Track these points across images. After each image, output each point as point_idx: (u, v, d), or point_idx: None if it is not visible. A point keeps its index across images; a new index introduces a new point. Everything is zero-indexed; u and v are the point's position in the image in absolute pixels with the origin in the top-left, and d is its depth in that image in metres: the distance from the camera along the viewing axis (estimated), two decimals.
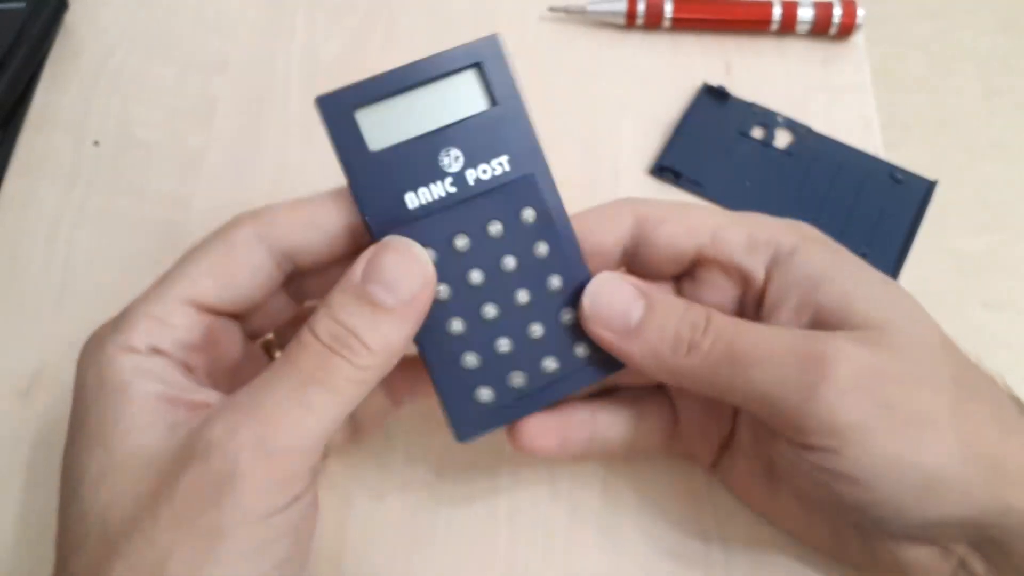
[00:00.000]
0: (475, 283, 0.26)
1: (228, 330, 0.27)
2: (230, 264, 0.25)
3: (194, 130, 0.40)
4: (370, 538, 0.30)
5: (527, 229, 0.26)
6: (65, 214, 0.38)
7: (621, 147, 0.40)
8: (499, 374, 0.27)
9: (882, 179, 0.39)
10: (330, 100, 0.25)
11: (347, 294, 0.24)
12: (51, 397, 0.33)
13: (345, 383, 0.23)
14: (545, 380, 0.27)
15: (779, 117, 0.40)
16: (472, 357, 0.26)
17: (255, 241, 0.26)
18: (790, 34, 0.43)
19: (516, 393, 0.27)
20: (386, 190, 0.25)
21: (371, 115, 0.25)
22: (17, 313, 0.35)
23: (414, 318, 0.24)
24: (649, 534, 0.31)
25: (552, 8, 0.43)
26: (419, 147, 0.25)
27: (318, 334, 0.23)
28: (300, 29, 0.43)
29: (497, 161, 0.26)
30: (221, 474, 0.22)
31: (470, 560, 0.30)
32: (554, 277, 0.27)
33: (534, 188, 0.26)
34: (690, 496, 0.31)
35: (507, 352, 0.27)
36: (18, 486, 0.32)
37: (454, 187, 0.26)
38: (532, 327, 0.27)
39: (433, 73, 0.25)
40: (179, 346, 0.25)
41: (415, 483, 0.32)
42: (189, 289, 0.25)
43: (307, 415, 0.23)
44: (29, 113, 0.40)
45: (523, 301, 0.27)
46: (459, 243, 0.26)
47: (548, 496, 0.31)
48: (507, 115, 0.26)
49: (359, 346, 0.23)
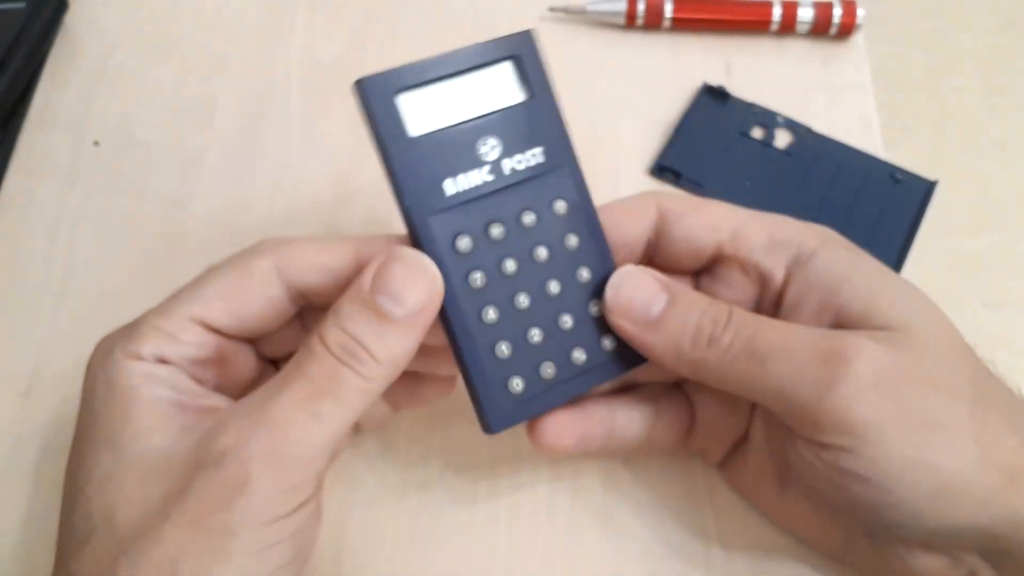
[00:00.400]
0: (509, 272, 0.26)
1: (240, 350, 0.27)
2: (244, 292, 0.26)
3: (194, 130, 0.40)
4: (370, 538, 0.31)
5: (559, 221, 0.27)
6: (65, 214, 0.38)
7: (621, 147, 0.40)
8: (531, 364, 0.27)
9: (882, 179, 0.39)
10: (371, 83, 0.25)
11: (355, 304, 0.24)
12: (51, 397, 0.33)
13: (352, 393, 0.24)
14: (573, 372, 0.27)
15: (779, 117, 0.40)
16: (506, 346, 0.26)
17: (272, 273, 0.26)
18: (790, 34, 0.43)
19: (545, 384, 0.27)
20: (425, 176, 0.25)
21: (412, 100, 0.25)
22: (17, 313, 0.35)
23: (420, 329, 0.24)
24: (649, 534, 0.31)
25: (552, 8, 0.43)
26: (458, 134, 0.26)
27: (327, 343, 0.24)
28: (300, 29, 0.43)
29: (532, 152, 0.26)
30: (234, 481, 0.22)
31: (470, 560, 0.30)
32: (583, 269, 0.27)
33: (566, 180, 0.27)
34: (690, 496, 0.31)
35: (539, 342, 0.27)
36: (18, 486, 0.32)
37: (491, 175, 0.26)
38: (563, 318, 0.27)
39: (473, 63, 0.26)
40: (186, 360, 0.25)
41: (415, 483, 0.32)
42: (199, 310, 0.25)
43: (316, 425, 0.23)
44: (29, 113, 0.40)
45: (554, 292, 0.27)
46: (494, 232, 0.26)
47: (548, 496, 0.31)
48: (542, 108, 0.27)
49: (366, 357, 0.24)
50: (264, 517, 0.22)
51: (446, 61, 0.25)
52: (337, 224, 0.38)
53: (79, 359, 0.34)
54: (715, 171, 0.39)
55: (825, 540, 0.29)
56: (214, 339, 0.26)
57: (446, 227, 0.26)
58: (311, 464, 0.23)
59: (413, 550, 0.30)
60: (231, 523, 0.22)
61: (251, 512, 0.22)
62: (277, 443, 0.23)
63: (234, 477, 0.22)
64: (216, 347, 0.26)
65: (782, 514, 0.30)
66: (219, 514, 0.22)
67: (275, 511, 0.23)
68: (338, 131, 0.40)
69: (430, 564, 0.30)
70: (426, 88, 0.25)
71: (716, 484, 0.31)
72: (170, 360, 0.25)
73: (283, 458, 0.23)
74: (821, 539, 0.29)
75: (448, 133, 0.25)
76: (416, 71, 0.25)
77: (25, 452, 0.32)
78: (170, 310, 0.26)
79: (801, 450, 0.26)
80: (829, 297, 0.26)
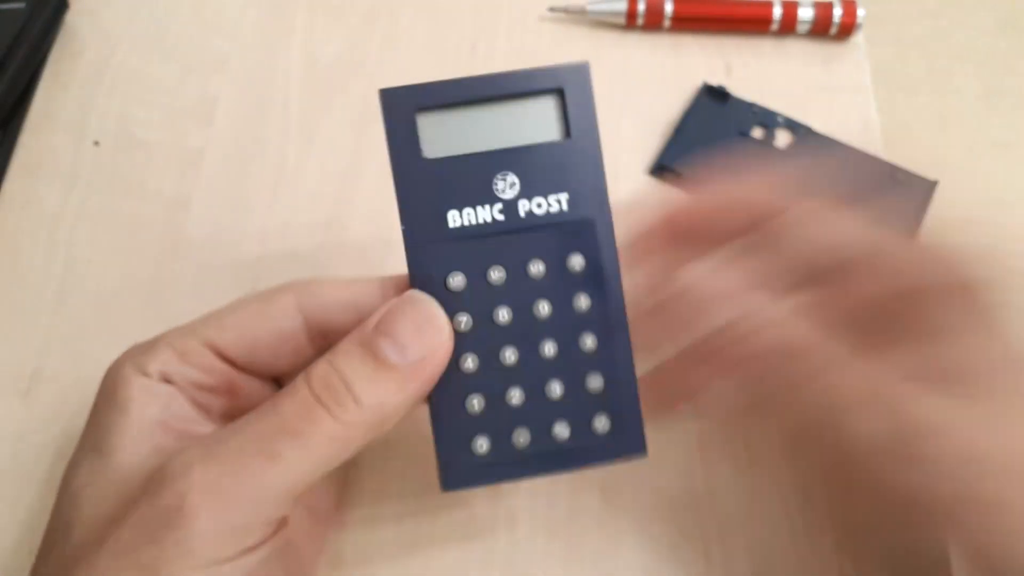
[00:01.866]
0: (500, 322, 0.24)
1: (253, 384, 0.26)
2: (259, 322, 0.25)
3: (194, 130, 0.40)
4: (369, 539, 0.31)
5: (571, 277, 0.24)
6: (65, 214, 0.38)
7: (621, 147, 0.40)
8: (502, 427, 0.24)
9: (883, 179, 0.39)
10: (394, 96, 0.23)
11: (353, 342, 0.23)
12: (50, 397, 0.34)
13: (322, 438, 0.22)
14: (551, 447, 0.25)
15: (779, 117, 0.40)
16: (478, 401, 0.24)
17: (292, 308, 0.25)
18: (790, 34, 0.43)
19: (515, 453, 0.24)
20: (430, 201, 0.24)
21: (433, 120, 0.24)
22: (17, 313, 0.35)
23: (418, 383, 0.23)
24: (648, 535, 0.31)
25: (552, 8, 0.43)
26: (475, 164, 0.24)
27: (310, 379, 0.22)
28: (300, 29, 0.43)
29: (555, 197, 0.24)
30: (168, 510, 0.20)
31: (470, 560, 0.30)
32: (588, 336, 0.25)
33: (590, 235, 0.24)
34: (689, 496, 0.31)
35: (517, 405, 0.24)
36: (17, 486, 0.32)
37: (502, 215, 0.24)
38: (552, 385, 0.25)
39: (510, 90, 0.24)
40: (191, 384, 0.25)
41: (415, 482, 0.32)
42: (214, 335, 0.25)
43: (270, 466, 0.21)
44: (29, 113, 0.40)
45: (549, 354, 0.24)
46: (493, 275, 0.24)
47: (548, 496, 0.31)
48: (578, 151, 0.24)
49: (348, 399, 0.22)
50: (196, 559, 0.20)
51: (482, 84, 0.24)
52: (336, 224, 0.38)
53: (78, 359, 0.34)
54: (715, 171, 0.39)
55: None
56: (224, 367, 0.25)
57: (441, 260, 0.24)
58: (258, 507, 0.21)
59: (413, 550, 0.30)
60: (159, 560, 0.20)
61: (181, 550, 0.20)
62: (221, 476, 0.21)
63: (169, 505, 0.20)
64: (225, 376, 0.25)
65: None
66: (148, 547, 0.20)
67: (210, 552, 0.21)
68: (338, 131, 0.40)
69: (430, 564, 0.30)
70: (452, 110, 0.24)
71: (715, 484, 0.31)
72: (174, 380, 0.24)
73: (225, 494, 0.21)
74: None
75: (466, 161, 0.24)
76: (445, 90, 0.23)
77: (24, 452, 0.32)
78: (188, 330, 0.25)
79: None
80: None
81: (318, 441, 0.22)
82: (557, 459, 0.25)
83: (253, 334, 0.25)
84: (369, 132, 0.40)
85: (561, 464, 0.25)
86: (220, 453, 0.21)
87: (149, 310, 0.35)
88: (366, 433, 0.22)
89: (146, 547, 0.20)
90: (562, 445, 0.25)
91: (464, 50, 0.43)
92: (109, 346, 0.34)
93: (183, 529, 0.20)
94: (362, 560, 0.30)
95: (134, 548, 0.20)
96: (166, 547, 0.20)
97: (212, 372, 0.25)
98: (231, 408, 0.26)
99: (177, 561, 0.20)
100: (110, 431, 0.23)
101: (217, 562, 0.21)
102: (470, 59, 0.42)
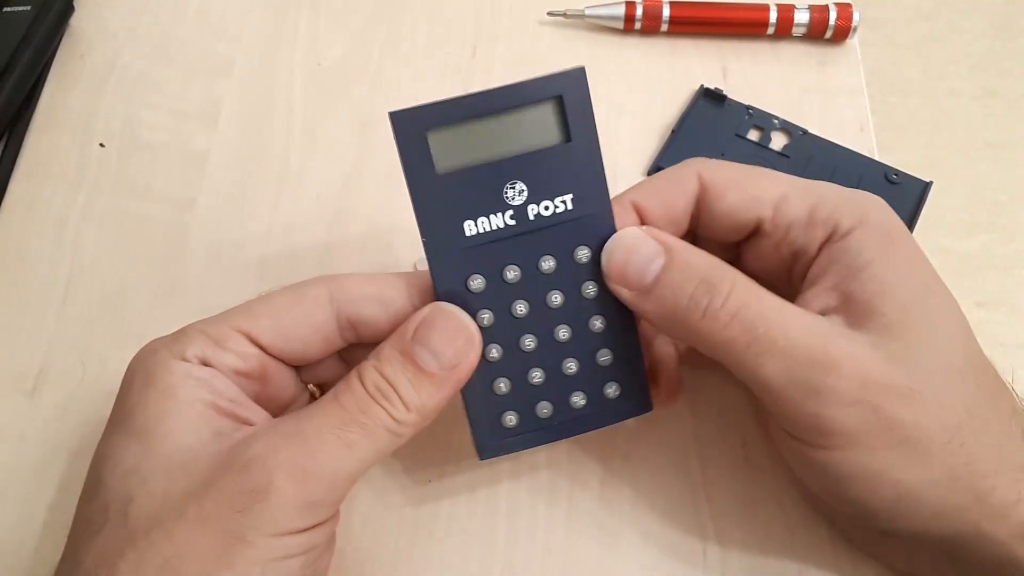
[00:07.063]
0: (518, 315, 0.27)
1: (282, 371, 0.27)
2: (294, 313, 0.26)
3: (199, 132, 0.40)
4: (371, 537, 0.31)
5: (579, 268, 0.27)
6: (71, 215, 0.38)
7: (619, 149, 0.40)
8: (527, 403, 0.28)
9: (877, 180, 0.39)
10: (404, 117, 0.24)
11: (395, 350, 0.25)
12: (56, 396, 0.34)
13: (381, 431, 0.24)
14: (571, 415, 0.28)
15: (775, 119, 0.41)
16: (504, 383, 0.27)
17: (326, 301, 0.26)
18: (786, 37, 0.44)
19: (540, 423, 0.28)
20: (446, 214, 0.25)
21: (443, 137, 0.25)
22: (23, 313, 0.36)
23: (452, 384, 0.25)
24: (647, 533, 0.31)
25: (551, 12, 0.44)
26: (485, 175, 0.25)
27: (364, 381, 0.25)
28: (303, 32, 0.44)
29: (560, 199, 0.26)
30: (256, 486, 0.23)
31: (470, 558, 0.31)
32: (597, 318, 0.27)
33: (593, 229, 0.26)
34: (687, 495, 0.32)
35: (539, 383, 0.27)
36: (23, 484, 0.32)
37: (513, 220, 0.26)
38: (567, 363, 0.27)
39: (512, 102, 0.25)
40: (229, 369, 0.26)
41: (416, 482, 0.32)
42: (247, 323, 0.26)
43: (345, 451, 0.24)
44: (35, 115, 0.41)
45: (563, 338, 0.27)
46: (509, 274, 0.26)
47: (547, 495, 0.32)
48: (578, 152, 0.26)
49: (399, 402, 0.25)
50: (278, 527, 0.23)
51: (486, 99, 0.25)
52: (340, 225, 0.38)
53: (84, 359, 0.35)
54: None
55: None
56: (258, 354, 0.26)
57: (461, 266, 0.26)
58: (333, 486, 0.24)
59: (413, 548, 0.31)
60: (244, 527, 0.22)
61: (266, 519, 0.22)
62: (305, 458, 0.23)
63: (257, 482, 0.23)
64: (259, 362, 0.26)
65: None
66: (235, 516, 0.22)
67: (290, 523, 0.23)
68: (340, 133, 0.40)
69: (430, 563, 0.30)
70: (460, 126, 0.25)
71: (713, 481, 0.32)
72: (213, 364, 0.25)
73: (308, 473, 0.23)
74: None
75: (476, 172, 0.25)
76: (452, 109, 0.25)
77: (30, 450, 0.33)
78: (217, 319, 0.26)
79: (774, 431, 0.27)
80: (844, 281, 0.26)
81: (379, 433, 0.24)
82: (577, 423, 0.28)
83: (287, 323, 0.26)
84: (371, 135, 0.40)
85: (580, 427, 0.28)
86: (300, 438, 0.24)
87: (154, 310, 0.36)
88: (414, 427, 0.25)
89: (233, 516, 0.22)
90: (580, 412, 0.28)
91: (465, 54, 0.43)
92: (115, 346, 0.35)
93: (270, 501, 0.22)
94: (363, 559, 0.30)
95: (218, 517, 0.22)
96: (252, 515, 0.22)
97: (247, 358, 0.26)
98: (263, 395, 0.27)
99: (263, 528, 0.22)
100: (160, 416, 0.24)
101: (294, 532, 0.23)
102: (470, 63, 0.43)
